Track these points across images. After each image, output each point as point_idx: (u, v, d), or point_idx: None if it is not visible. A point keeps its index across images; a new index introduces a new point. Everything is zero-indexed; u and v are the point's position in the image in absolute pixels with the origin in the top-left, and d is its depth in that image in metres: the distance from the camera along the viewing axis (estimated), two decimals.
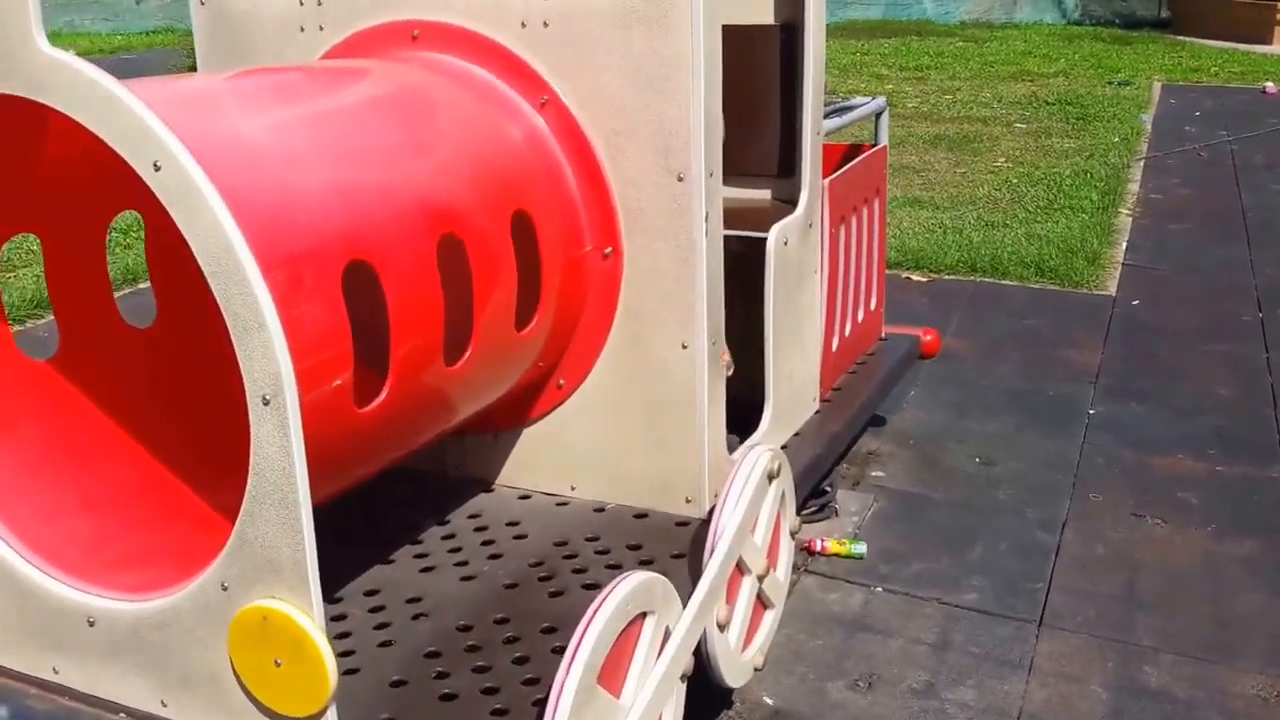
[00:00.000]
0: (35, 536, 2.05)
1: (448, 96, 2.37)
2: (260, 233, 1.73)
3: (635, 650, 2.01)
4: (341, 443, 1.94)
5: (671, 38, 2.36)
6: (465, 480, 2.83)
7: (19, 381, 2.20)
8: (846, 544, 3.41)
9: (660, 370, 2.57)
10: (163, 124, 1.62)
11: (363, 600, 2.32)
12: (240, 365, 1.66)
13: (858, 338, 3.64)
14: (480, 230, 2.19)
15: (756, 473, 2.43)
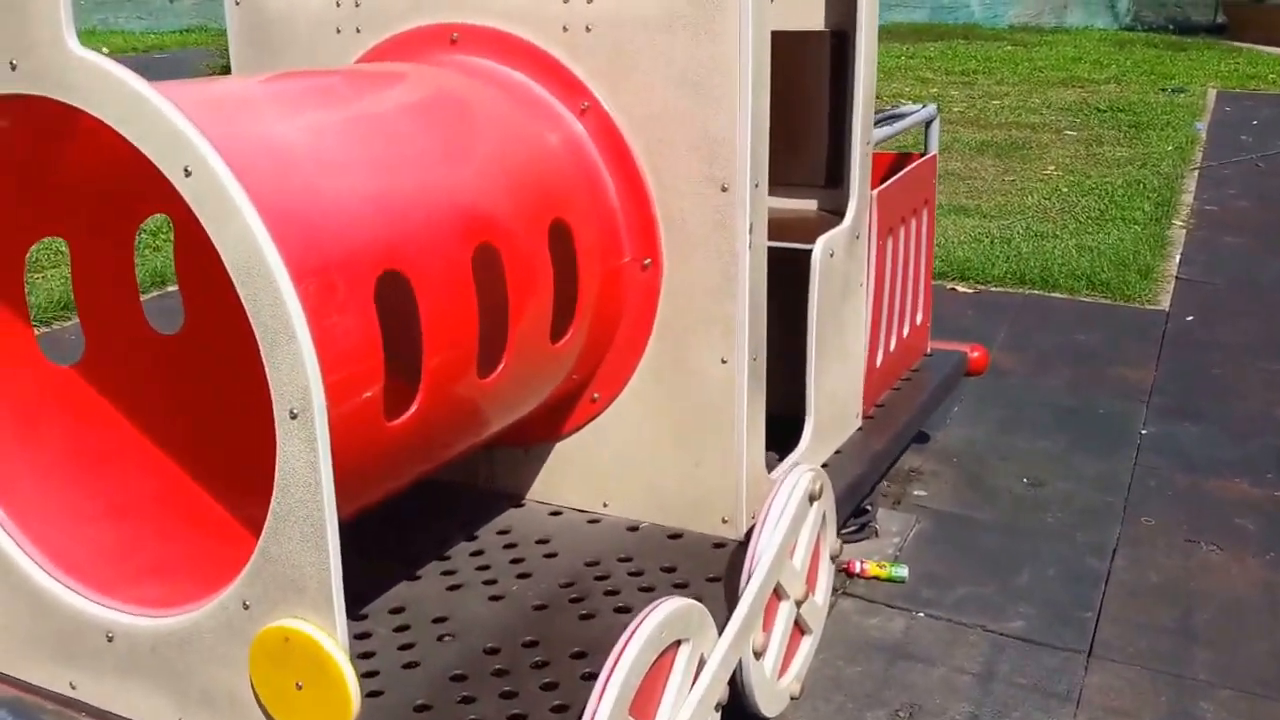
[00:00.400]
0: (55, 546, 2.03)
1: (486, 102, 2.33)
2: (292, 241, 1.70)
3: (669, 679, 1.95)
4: (370, 456, 1.90)
5: (719, 44, 2.31)
6: (495, 494, 2.79)
7: (42, 387, 2.18)
8: (887, 566, 3.34)
9: (698, 385, 2.52)
10: (194, 128, 1.59)
11: (388, 619, 2.28)
12: (268, 377, 1.63)
13: (902, 353, 3.58)
14: (517, 240, 2.15)
15: (797, 494, 2.38)
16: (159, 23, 17.95)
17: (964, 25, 16.64)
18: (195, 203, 1.61)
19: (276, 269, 1.58)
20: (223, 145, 1.64)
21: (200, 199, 1.60)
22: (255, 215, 1.58)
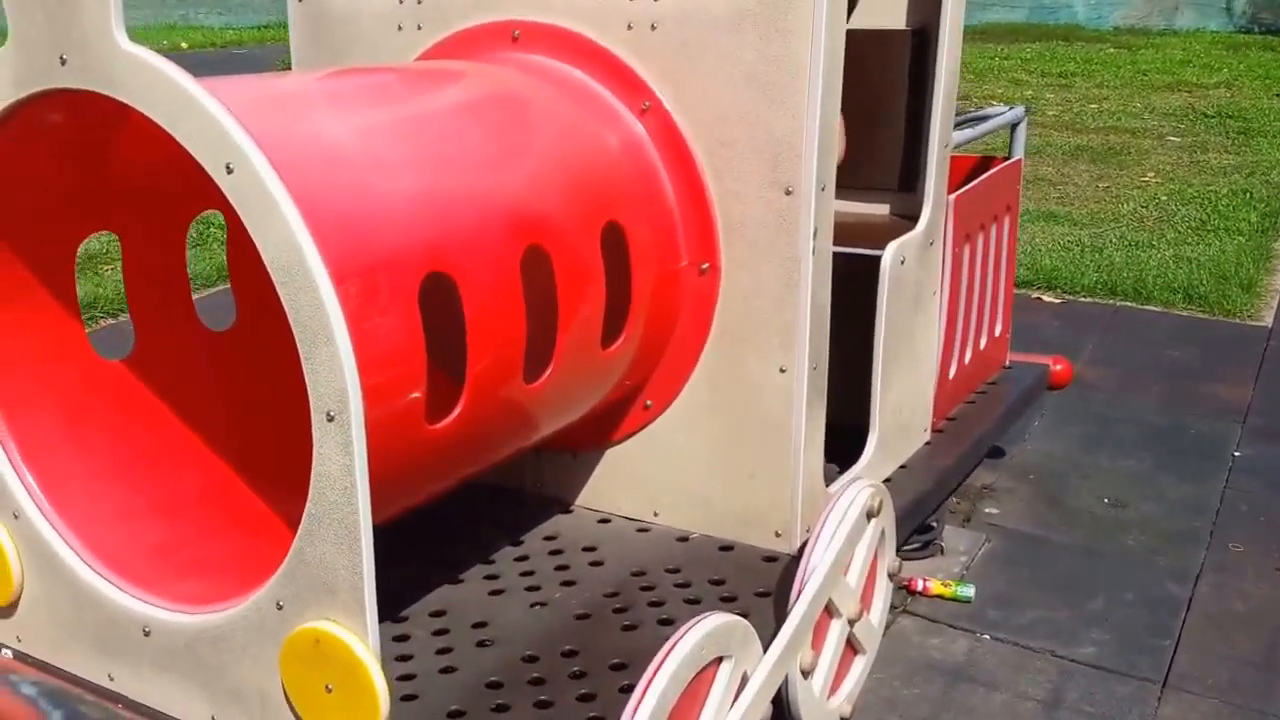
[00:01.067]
0: (98, 541, 2.07)
1: (543, 101, 2.33)
2: (335, 241, 1.71)
3: (708, 697, 1.93)
4: (411, 459, 1.91)
5: (789, 43, 2.28)
6: (544, 499, 2.79)
7: (91, 382, 2.24)
8: (952, 585, 3.27)
9: (755, 394, 2.49)
10: (238, 125, 1.61)
11: (428, 621, 2.29)
12: (306, 379, 1.64)
13: (978, 365, 3.50)
14: (568, 242, 2.14)
15: (855, 510, 2.34)
16: (238, 19, 18.38)
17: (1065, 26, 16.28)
18: (236, 200, 1.63)
19: (316, 270, 1.59)
20: (267, 143, 1.66)
21: (242, 196, 1.62)
22: (296, 214, 1.60)
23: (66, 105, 1.80)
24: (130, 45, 1.68)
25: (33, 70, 1.78)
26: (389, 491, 1.92)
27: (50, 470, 2.12)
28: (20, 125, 1.91)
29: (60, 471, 2.13)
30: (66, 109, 1.82)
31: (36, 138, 1.95)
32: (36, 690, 2.08)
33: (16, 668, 2.16)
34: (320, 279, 1.59)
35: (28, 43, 1.77)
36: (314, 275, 1.58)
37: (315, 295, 1.59)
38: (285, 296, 1.62)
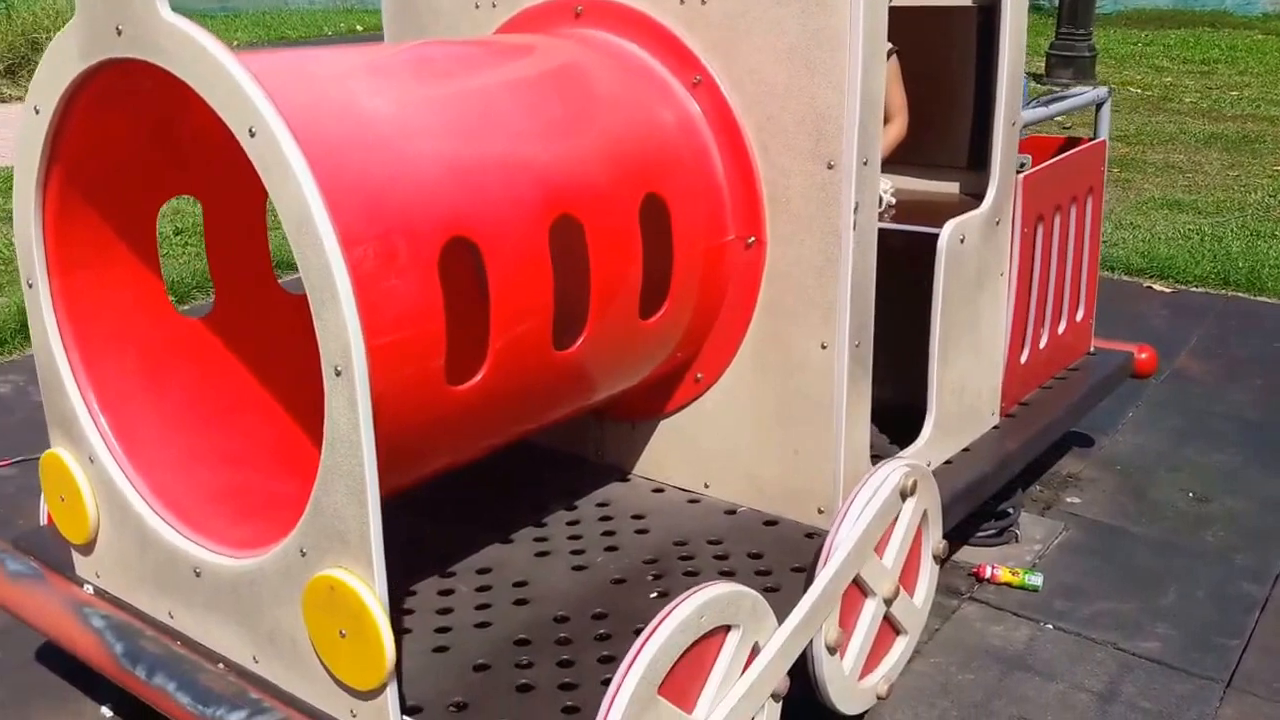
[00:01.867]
0: (163, 486, 2.15)
1: (591, 74, 2.31)
2: (353, 205, 1.73)
3: (715, 664, 1.89)
4: (433, 419, 1.91)
5: (829, 16, 2.20)
6: (603, 467, 2.78)
7: (169, 337, 2.31)
8: (1021, 573, 3.13)
9: (797, 370, 2.42)
10: (260, 91, 1.63)
11: (473, 579, 2.31)
12: (317, 335, 1.66)
13: (1056, 350, 3.34)
14: (602, 213, 2.11)
15: (886, 488, 2.25)
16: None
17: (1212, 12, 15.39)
18: (258, 163, 1.65)
19: (325, 232, 1.60)
20: (290, 109, 1.68)
21: (262, 160, 1.64)
22: (310, 178, 1.61)
23: (135, 73, 1.85)
24: (171, 15, 1.72)
25: (95, 41, 1.84)
26: (413, 449, 1.93)
27: (124, 417, 2.20)
28: (94, 93, 1.97)
29: (133, 419, 2.22)
30: (137, 76, 1.88)
31: (111, 105, 2.02)
32: (105, 623, 2.17)
33: (92, 601, 2.26)
34: (328, 241, 1.60)
35: (89, 15, 1.83)
36: (322, 237, 1.59)
37: (323, 256, 1.60)
38: (298, 257, 1.64)
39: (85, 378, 2.19)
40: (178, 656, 2.06)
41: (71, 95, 1.96)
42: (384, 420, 1.80)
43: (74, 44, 1.89)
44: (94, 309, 2.20)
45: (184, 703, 1.95)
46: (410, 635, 2.11)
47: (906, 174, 3.20)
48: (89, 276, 2.19)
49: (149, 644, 2.10)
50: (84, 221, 2.15)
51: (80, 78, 1.92)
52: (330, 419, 1.69)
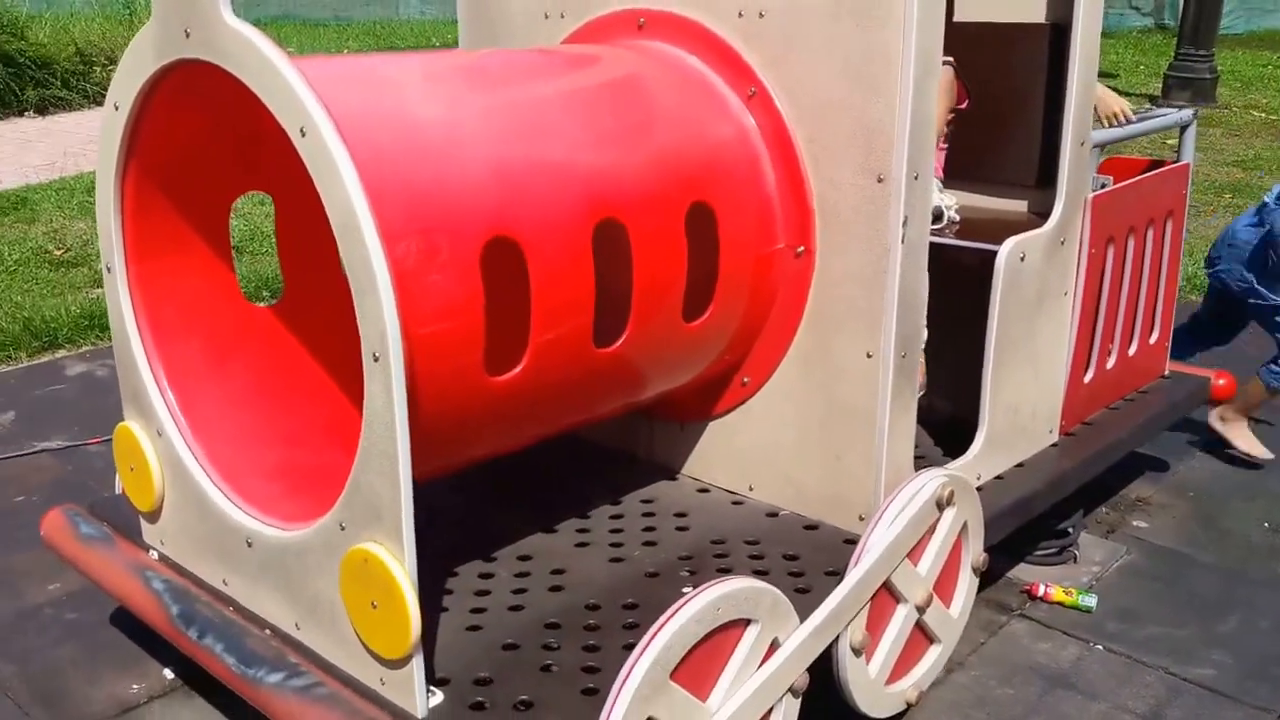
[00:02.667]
0: (223, 460, 2.31)
1: (646, 85, 2.41)
2: (398, 204, 1.85)
3: (731, 657, 1.97)
4: (472, 407, 2.03)
5: (882, 32, 2.27)
6: (653, 466, 2.87)
7: (238, 322, 2.48)
8: (1074, 593, 3.13)
9: (843, 378, 2.48)
10: (311, 93, 1.77)
11: (514, 564, 2.42)
12: (359, 324, 1.79)
13: (1126, 372, 3.33)
14: (647, 219, 2.21)
15: (921, 497, 2.30)
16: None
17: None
18: (308, 161, 1.79)
19: (366, 228, 1.73)
20: (341, 111, 1.81)
21: (312, 158, 1.78)
22: (354, 177, 1.74)
23: (203, 74, 2.01)
24: (233, 20, 1.87)
25: (167, 42, 2.01)
26: (453, 434, 2.05)
27: (190, 395, 2.37)
28: (168, 91, 2.14)
29: (199, 397, 2.38)
30: (205, 77, 2.03)
31: (184, 103, 2.18)
32: (164, 586, 2.34)
33: (154, 565, 2.43)
34: (369, 236, 1.72)
35: (162, 17, 2.00)
36: (363, 233, 1.72)
37: (364, 251, 1.73)
38: (342, 251, 1.77)
39: (156, 357, 2.36)
40: (227, 620, 2.21)
41: (147, 93, 2.13)
42: (424, 405, 1.93)
43: (149, 45, 2.06)
44: (167, 293, 2.38)
45: (229, 663, 2.10)
46: (447, 613, 2.24)
47: (975, 190, 3.23)
48: (163, 263, 2.36)
49: (202, 608, 2.26)
50: (159, 212, 2.32)
51: (155, 76, 2.09)
52: (369, 402, 1.81)
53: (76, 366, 4.80)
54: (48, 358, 4.93)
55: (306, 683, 2.02)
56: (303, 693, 1.99)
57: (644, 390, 2.47)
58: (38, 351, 4.98)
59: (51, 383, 4.65)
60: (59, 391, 4.55)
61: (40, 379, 4.69)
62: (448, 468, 2.18)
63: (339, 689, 2.00)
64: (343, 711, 1.93)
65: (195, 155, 2.32)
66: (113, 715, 2.64)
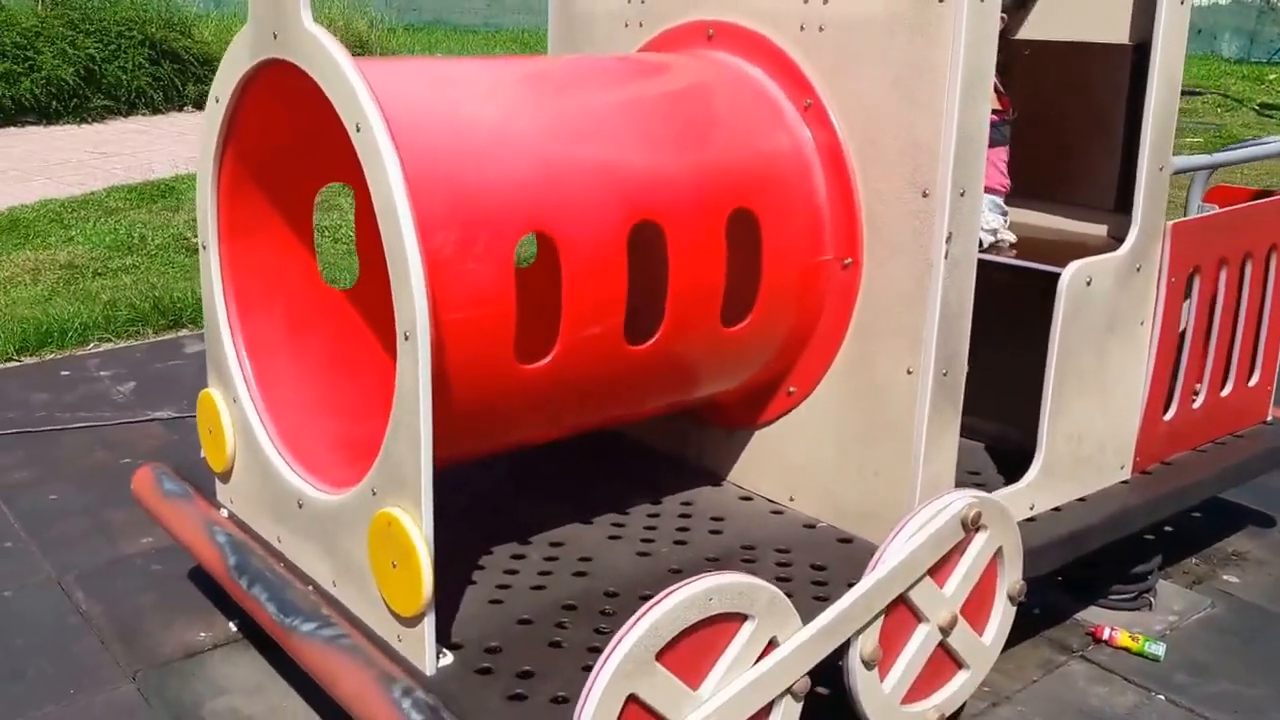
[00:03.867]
0: (290, 429, 2.61)
1: (700, 93, 2.61)
2: (440, 198, 2.11)
3: (726, 650, 2.14)
4: (502, 393, 2.27)
5: (932, 47, 2.41)
6: (701, 471, 3.06)
7: (315, 302, 2.78)
8: (1141, 639, 3.18)
9: (882, 393, 2.63)
10: (368, 92, 2.03)
11: (545, 549, 2.64)
12: (394, 305, 2.05)
13: (1218, 413, 3.35)
14: (685, 222, 2.41)
15: (945, 515, 2.43)
16: None
17: None
18: (362, 155, 2.06)
19: (404, 218, 1.98)
20: (400, 111, 2.08)
21: (364, 152, 2.05)
22: (398, 171, 1.99)
23: (289, 72, 2.31)
24: (311, 25, 2.15)
25: (258, 42, 2.32)
26: (484, 417, 2.29)
27: (266, 366, 2.68)
28: (259, 87, 2.45)
29: (273, 368, 2.69)
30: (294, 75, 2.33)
31: (274, 98, 2.49)
32: (226, 539, 2.66)
33: (221, 521, 2.75)
34: (405, 226, 1.97)
35: (257, 19, 2.31)
36: (400, 222, 1.97)
37: (400, 239, 1.98)
38: (384, 238, 2.02)
39: (238, 329, 2.68)
40: (275, 574, 2.50)
41: (242, 88, 2.45)
42: (455, 387, 2.17)
43: (245, 44, 2.37)
44: (252, 272, 2.70)
45: (270, 611, 2.39)
46: (475, 586, 2.47)
47: (1053, 212, 3.32)
48: (251, 243, 2.68)
49: (255, 561, 2.56)
50: (250, 196, 2.64)
51: (249, 73, 2.40)
52: (400, 378, 2.07)
53: (195, 345, 5.27)
54: (171, 335, 5.44)
55: (334, 634, 2.28)
56: (329, 642, 2.26)
57: (684, 392, 2.66)
58: (163, 329, 5.49)
59: (171, 358, 5.13)
60: (177, 367, 5.02)
61: (162, 354, 5.18)
62: (479, 449, 2.42)
63: (362, 642, 2.25)
64: (361, 662, 2.19)
65: (284, 146, 2.63)
66: (179, 657, 2.99)
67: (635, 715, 2.04)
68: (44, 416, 4.44)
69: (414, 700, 2.07)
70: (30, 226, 7.14)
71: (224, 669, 2.94)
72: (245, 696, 2.84)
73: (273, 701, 2.78)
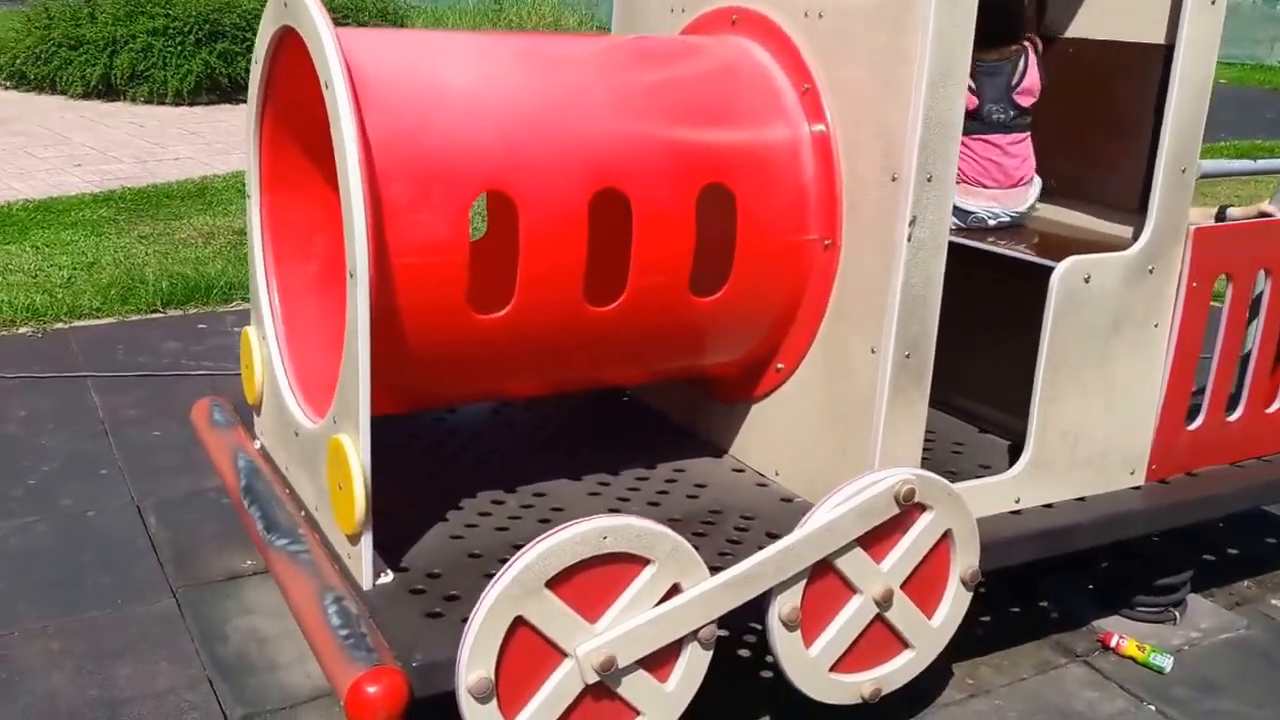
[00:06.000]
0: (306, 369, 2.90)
1: (694, 73, 2.78)
2: (399, 152, 2.36)
3: (625, 590, 2.30)
4: (457, 341, 2.49)
5: (905, 36, 2.51)
6: (706, 443, 3.20)
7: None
8: (1148, 649, 3.15)
9: (852, 372, 2.72)
10: (336, 54, 2.29)
11: (528, 498, 2.85)
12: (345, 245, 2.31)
13: (1259, 428, 3.26)
14: (653, 193, 2.58)
15: (876, 488, 2.51)
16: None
17: None
18: (330, 109, 2.32)
19: (353, 168, 2.23)
20: (373, 75, 2.34)
21: (330, 107, 2.31)
22: (352, 124, 2.25)
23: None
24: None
25: (276, 10, 2.62)
26: (439, 363, 2.53)
27: (294, 310, 3.00)
28: (288, 51, 2.76)
29: (300, 313, 3.00)
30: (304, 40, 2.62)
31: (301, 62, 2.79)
32: (244, 464, 2.99)
33: (246, 447, 3.08)
34: (354, 176, 2.22)
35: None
36: (350, 173, 2.22)
37: (349, 186, 2.23)
38: (340, 186, 2.28)
39: (274, 274, 3.01)
40: (274, 497, 2.81)
41: (273, 52, 2.76)
42: (409, 328, 2.42)
43: (270, 11, 2.68)
44: (289, 222, 3.02)
45: (259, 528, 2.70)
46: (445, 524, 2.71)
47: (1081, 210, 3.30)
48: (289, 195, 3.00)
49: (261, 485, 2.88)
50: (288, 151, 2.96)
51: (275, 37, 2.71)
52: (349, 314, 2.33)
53: None
54: None
55: (299, 549, 2.56)
56: (293, 557, 2.54)
57: (663, 360, 2.82)
58: None
59: None
60: None
61: None
62: (441, 394, 2.65)
63: (321, 559, 2.52)
64: (310, 574, 2.46)
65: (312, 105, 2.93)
66: (221, 579, 3.36)
67: (526, 638, 2.23)
68: (170, 363, 4.97)
69: (339, 608, 2.32)
70: (216, 195, 7.85)
71: (256, 594, 3.30)
72: (266, 618, 3.18)
73: (289, 625, 3.09)
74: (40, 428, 4.32)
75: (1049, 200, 3.39)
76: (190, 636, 3.10)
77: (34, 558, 3.45)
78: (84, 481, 3.93)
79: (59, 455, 4.11)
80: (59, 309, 5.42)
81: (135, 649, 3.04)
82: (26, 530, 3.61)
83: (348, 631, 2.25)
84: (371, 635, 2.24)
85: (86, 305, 5.49)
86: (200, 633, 3.11)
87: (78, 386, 4.69)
